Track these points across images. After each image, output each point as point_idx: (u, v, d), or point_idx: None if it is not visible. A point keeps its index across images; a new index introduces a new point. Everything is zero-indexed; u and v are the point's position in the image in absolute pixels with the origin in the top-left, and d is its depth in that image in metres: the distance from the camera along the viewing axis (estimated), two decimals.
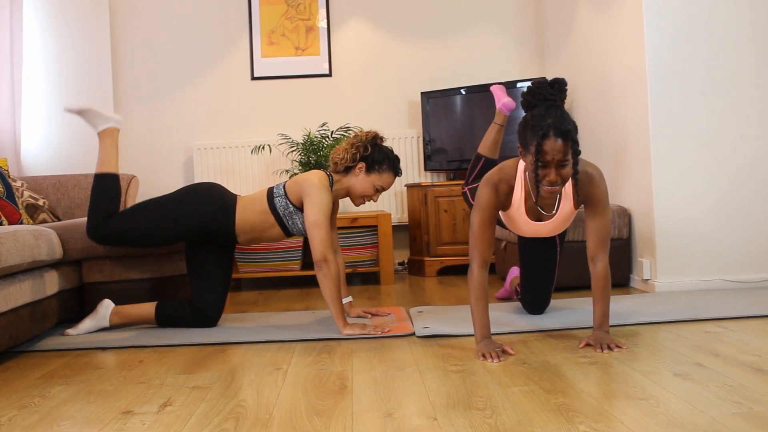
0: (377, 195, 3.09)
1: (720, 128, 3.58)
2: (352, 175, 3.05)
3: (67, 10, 4.85)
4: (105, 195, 3.05)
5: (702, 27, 3.57)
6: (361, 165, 3.03)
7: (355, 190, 3.06)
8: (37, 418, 1.90)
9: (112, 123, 3.14)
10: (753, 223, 3.59)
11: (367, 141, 3.06)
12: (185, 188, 3.11)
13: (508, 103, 3.39)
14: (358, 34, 5.23)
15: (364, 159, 3.03)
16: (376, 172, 3.04)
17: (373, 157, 3.03)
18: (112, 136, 3.13)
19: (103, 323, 3.07)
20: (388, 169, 3.05)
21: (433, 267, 4.71)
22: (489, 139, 3.41)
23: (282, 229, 3.04)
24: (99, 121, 3.13)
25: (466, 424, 1.69)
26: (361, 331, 2.79)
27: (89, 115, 3.11)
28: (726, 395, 1.82)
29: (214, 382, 2.20)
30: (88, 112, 3.10)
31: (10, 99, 4.50)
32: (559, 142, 2.26)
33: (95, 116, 3.12)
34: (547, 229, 2.68)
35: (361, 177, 3.04)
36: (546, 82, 2.41)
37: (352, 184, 3.06)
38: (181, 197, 3.05)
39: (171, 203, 3.03)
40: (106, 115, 3.13)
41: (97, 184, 3.06)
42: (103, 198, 3.04)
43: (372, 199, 3.09)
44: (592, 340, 2.43)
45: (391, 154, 3.08)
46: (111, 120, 3.14)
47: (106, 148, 3.11)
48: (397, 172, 3.09)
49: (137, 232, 3.02)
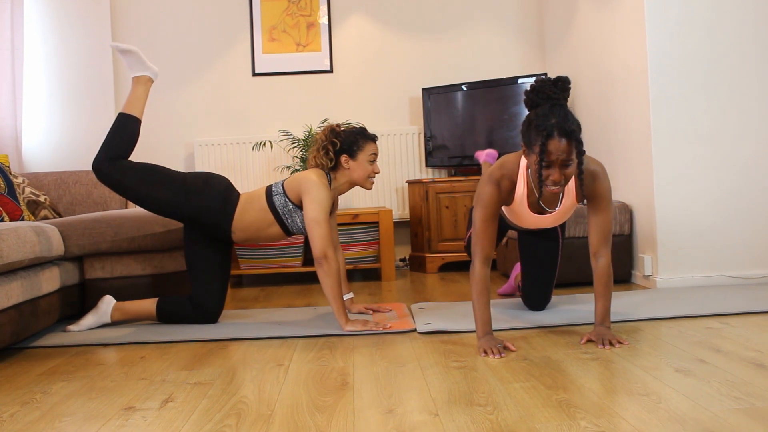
0: (376, 165, 3.08)
1: (721, 124, 3.58)
2: (344, 170, 3.05)
3: (67, 7, 4.85)
4: (122, 135, 3.04)
5: (703, 23, 3.56)
6: (344, 157, 3.03)
7: (358, 178, 3.05)
8: (38, 414, 1.91)
9: (150, 73, 3.15)
10: (754, 218, 3.59)
11: (330, 138, 3.05)
12: (198, 173, 3.10)
13: (491, 153, 3.57)
14: (359, 30, 5.22)
15: (342, 151, 3.04)
16: (358, 152, 3.03)
17: (346, 143, 3.03)
18: (146, 84, 3.14)
19: (105, 319, 3.07)
20: (365, 143, 3.04)
21: (435, 263, 4.71)
22: None
23: (282, 228, 3.04)
24: (138, 66, 3.13)
25: (468, 420, 1.69)
26: (362, 327, 2.79)
27: (132, 57, 3.12)
28: (727, 391, 1.82)
29: (216, 378, 2.20)
30: (132, 54, 3.11)
31: (11, 95, 4.50)
32: (563, 142, 2.25)
33: (137, 60, 3.12)
34: (549, 221, 2.69)
35: (352, 166, 3.03)
36: (549, 80, 2.40)
37: (350, 176, 3.05)
38: (191, 181, 3.03)
39: (179, 182, 3.01)
40: (147, 63, 3.14)
41: (118, 123, 3.05)
42: (119, 138, 3.03)
43: (375, 171, 3.07)
44: (593, 336, 2.43)
45: (356, 129, 3.08)
46: (150, 69, 3.15)
47: (138, 93, 3.12)
48: (371, 138, 3.07)
49: (136, 189, 3.00)
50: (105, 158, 3.00)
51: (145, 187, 2.99)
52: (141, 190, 2.99)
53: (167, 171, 3.06)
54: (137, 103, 3.10)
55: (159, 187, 2.99)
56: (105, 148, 3.02)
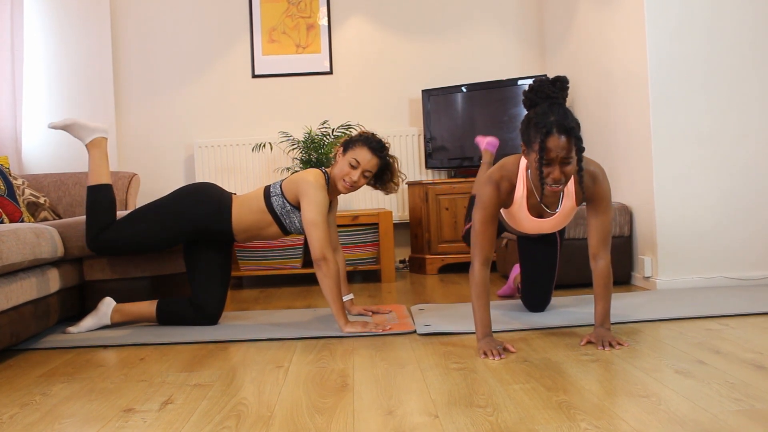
0: (355, 172, 2.95)
1: (721, 125, 3.58)
2: (335, 164, 3.05)
3: (67, 8, 4.85)
4: (100, 206, 3.06)
5: (703, 23, 3.56)
6: (339, 149, 3.04)
7: (335, 174, 3.00)
8: (38, 416, 1.91)
9: (99, 133, 3.14)
10: (754, 220, 3.59)
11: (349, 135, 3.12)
12: (179, 190, 3.11)
13: (492, 141, 3.53)
14: (359, 31, 5.22)
15: (342, 144, 3.05)
16: (349, 150, 2.99)
17: (350, 139, 3.05)
18: (100, 147, 3.13)
19: (105, 321, 3.07)
20: (359, 144, 2.99)
21: (434, 265, 4.71)
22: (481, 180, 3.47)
23: (280, 228, 3.04)
24: (85, 133, 3.13)
25: (468, 422, 1.69)
26: (362, 328, 2.79)
27: (74, 129, 3.11)
28: (727, 392, 1.82)
29: (216, 380, 2.20)
30: (73, 126, 3.10)
31: (11, 97, 4.50)
32: (562, 139, 2.25)
33: (81, 129, 3.12)
34: (549, 226, 2.68)
35: (339, 159, 3.03)
36: (548, 80, 2.41)
37: (333, 171, 3.03)
38: (175, 199, 3.06)
39: (166, 207, 3.04)
40: (91, 126, 3.13)
41: (91, 197, 3.08)
42: (99, 209, 3.06)
43: (352, 179, 2.95)
44: (593, 338, 2.43)
45: (367, 134, 3.04)
46: (97, 131, 3.14)
47: (96, 159, 3.12)
48: (368, 144, 2.98)
49: (136, 240, 3.04)
50: (95, 236, 3.04)
51: (143, 230, 3.04)
52: (142, 236, 3.04)
53: (151, 205, 3.09)
54: (100, 169, 3.11)
55: (155, 221, 3.03)
56: (89, 227, 3.05)
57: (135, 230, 3.04)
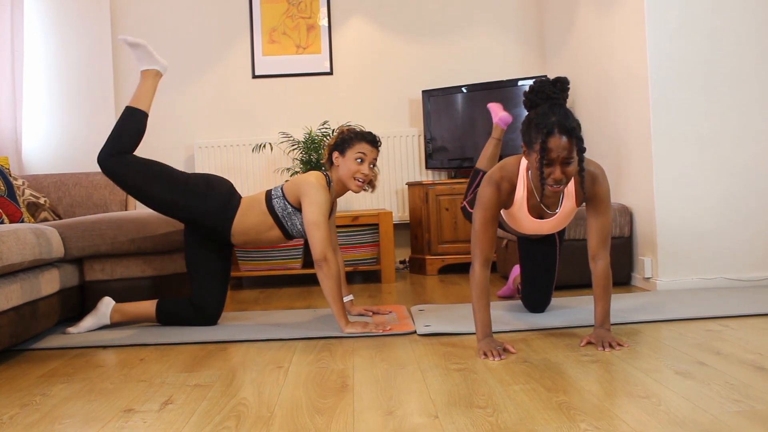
0: (364, 166, 3.00)
1: (721, 126, 3.58)
2: (335, 168, 3.05)
3: (67, 8, 4.85)
4: (129, 129, 3.03)
5: (703, 25, 3.56)
6: (335, 154, 3.04)
7: (344, 175, 3.02)
8: (38, 416, 1.91)
9: (159, 66, 3.14)
10: (755, 221, 3.59)
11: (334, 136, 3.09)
12: (201, 175, 3.10)
13: (505, 117, 3.47)
14: (359, 32, 5.22)
15: (334, 148, 3.04)
16: (348, 149, 3.02)
17: (340, 140, 3.04)
18: (154, 78, 3.13)
19: (104, 321, 3.07)
20: (356, 140, 3.02)
21: (435, 265, 4.71)
22: (487, 154, 3.44)
23: (281, 231, 3.04)
24: (147, 60, 3.12)
25: (468, 423, 1.69)
26: (362, 329, 2.79)
27: (140, 51, 3.11)
28: (727, 393, 1.82)
29: (216, 380, 2.20)
30: (141, 48, 3.10)
31: (11, 97, 4.50)
32: (563, 139, 2.25)
33: (146, 54, 3.12)
34: (549, 227, 2.68)
35: (340, 163, 3.03)
36: (548, 81, 2.41)
37: (339, 174, 3.04)
38: (193, 182, 3.03)
39: (182, 183, 3.01)
40: (155, 56, 3.14)
41: (125, 116, 3.04)
42: (126, 132, 3.02)
43: (362, 173, 3.00)
44: (593, 339, 2.43)
45: (357, 130, 3.07)
46: (158, 63, 3.14)
47: (146, 86, 3.11)
48: (364, 138, 3.03)
49: (138, 186, 3.00)
50: (110, 152, 3.00)
51: (147, 184, 2.99)
52: (143, 188, 3.00)
53: (171, 170, 3.06)
54: (145, 97, 3.09)
55: (161, 186, 2.99)
56: (111, 141, 3.01)
57: (143, 177, 2.99)
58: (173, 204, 2.99)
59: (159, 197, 3.00)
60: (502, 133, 3.47)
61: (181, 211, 3.00)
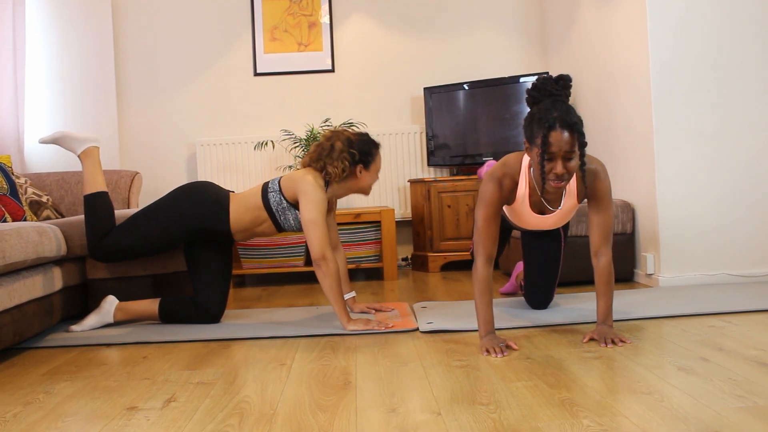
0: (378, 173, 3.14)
1: (723, 122, 3.57)
2: (354, 177, 3.03)
3: (69, 7, 4.85)
4: (98, 214, 3.07)
5: (705, 20, 3.56)
6: (359, 167, 3.02)
7: (366, 186, 3.07)
8: (41, 414, 1.91)
9: (90, 143, 3.17)
10: (757, 217, 3.58)
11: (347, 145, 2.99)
12: (176, 190, 3.11)
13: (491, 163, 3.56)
14: (361, 29, 5.22)
15: (358, 162, 3.01)
16: (371, 163, 3.05)
17: (362, 153, 3.01)
18: (92, 156, 3.16)
19: (107, 319, 3.08)
20: (377, 153, 3.07)
21: (437, 262, 4.71)
22: None
23: (274, 224, 3.04)
24: (76, 145, 3.16)
25: (470, 419, 1.69)
26: (364, 326, 2.79)
27: (65, 141, 3.14)
28: (730, 389, 1.82)
29: (218, 377, 2.20)
30: (63, 138, 3.14)
31: (14, 96, 4.51)
32: (565, 134, 2.26)
33: (71, 140, 3.14)
34: (551, 222, 2.68)
35: (363, 175, 3.04)
36: (551, 78, 2.41)
37: (358, 185, 3.05)
38: (173, 201, 3.06)
39: (164, 209, 3.05)
40: (81, 137, 3.15)
41: (89, 206, 3.09)
42: (97, 217, 3.07)
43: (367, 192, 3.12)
44: (595, 335, 2.43)
45: (367, 139, 3.06)
46: (87, 141, 3.17)
47: (90, 168, 3.14)
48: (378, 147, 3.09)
49: (137, 244, 3.05)
50: (95, 242, 3.05)
51: (143, 235, 3.04)
52: (142, 240, 3.04)
53: (149, 207, 3.10)
54: (95, 177, 3.13)
55: (153, 223, 3.04)
56: (89, 234, 3.06)
57: (135, 235, 3.04)
58: (172, 230, 3.03)
59: (159, 236, 3.04)
60: None
61: (181, 229, 3.02)
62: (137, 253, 3.10)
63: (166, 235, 3.03)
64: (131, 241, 3.04)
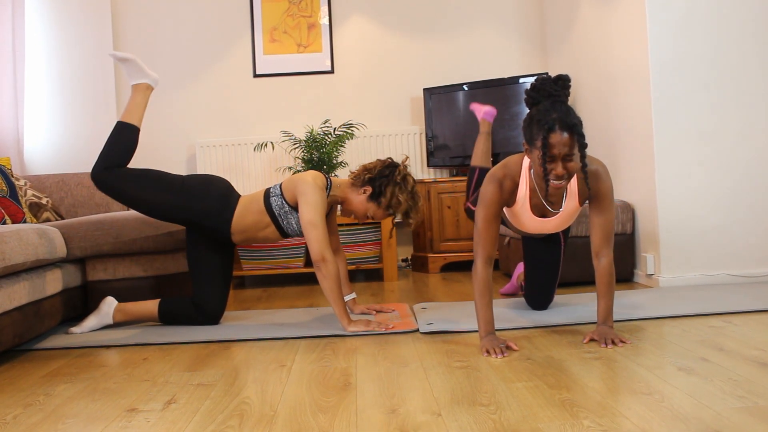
0: (364, 218, 3.07)
1: (723, 123, 3.57)
2: (355, 191, 3.04)
3: (68, 9, 4.85)
4: (120, 144, 3.04)
5: (705, 20, 3.56)
6: (368, 189, 3.01)
7: (360, 210, 3.03)
8: (41, 416, 1.91)
9: (149, 80, 3.15)
10: (757, 217, 3.58)
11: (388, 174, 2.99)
12: (197, 176, 3.10)
13: (489, 110, 3.49)
14: (360, 30, 5.22)
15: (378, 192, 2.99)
16: (375, 203, 3.01)
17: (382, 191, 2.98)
18: (145, 92, 3.14)
19: (107, 321, 3.08)
20: (387, 210, 3.02)
21: (437, 263, 4.71)
22: (479, 150, 3.46)
23: (278, 229, 3.03)
24: (137, 74, 3.13)
25: (471, 420, 1.69)
26: (364, 327, 2.79)
27: (130, 66, 3.12)
28: (731, 390, 1.82)
29: (219, 379, 2.20)
30: (131, 63, 3.11)
31: (13, 97, 4.51)
32: (565, 135, 2.26)
33: (136, 68, 3.12)
34: (552, 226, 2.68)
35: (361, 198, 3.03)
36: (550, 78, 2.41)
37: (351, 198, 3.04)
38: (189, 184, 3.03)
39: (178, 186, 3.02)
40: (146, 70, 3.14)
41: (116, 132, 3.05)
42: (118, 146, 3.03)
43: (358, 218, 3.07)
44: (596, 336, 2.43)
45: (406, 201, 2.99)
46: (149, 77, 3.15)
47: (136, 101, 3.11)
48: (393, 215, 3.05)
49: (136, 196, 3.00)
50: (103, 168, 3.01)
51: (144, 193, 2.99)
52: (140, 197, 3.00)
53: (165, 175, 3.06)
54: (136, 111, 3.10)
55: (158, 192, 2.99)
56: (102, 157, 3.02)
57: (141, 186, 3.00)
58: (172, 208, 2.99)
59: (157, 204, 3.00)
60: (490, 126, 3.51)
61: (181, 214, 3.00)
62: (129, 202, 3.04)
63: (166, 204, 2.99)
64: (132, 188, 2.99)
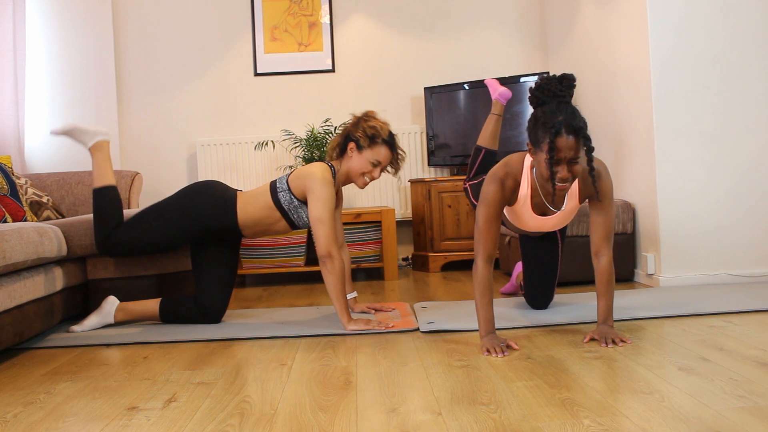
0: (377, 170, 3.02)
1: (724, 122, 3.57)
2: (347, 158, 3.05)
3: (69, 7, 4.85)
4: (107, 208, 3.08)
5: (706, 20, 3.55)
6: (352, 145, 3.02)
7: (353, 170, 3.02)
8: (42, 414, 1.91)
9: (100, 136, 3.16)
10: (757, 217, 3.58)
11: (354, 121, 3.06)
12: (184, 189, 3.12)
13: (504, 92, 3.41)
14: (361, 29, 5.22)
15: (354, 139, 3.02)
16: (367, 149, 3.00)
17: (362, 135, 3.00)
18: (103, 150, 3.16)
19: (108, 320, 3.08)
20: (380, 145, 3.00)
21: (437, 262, 4.71)
22: (488, 131, 3.40)
23: (288, 223, 3.05)
24: (87, 138, 3.15)
25: (471, 419, 1.69)
26: (365, 326, 2.79)
27: (76, 133, 3.14)
28: (731, 389, 1.82)
29: (219, 377, 2.20)
30: (74, 131, 3.13)
31: (14, 96, 4.51)
32: (571, 139, 2.25)
33: (82, 133, 3.14)
34: (551, 224, 2.68)
35: (354, 156, 3.03)
36: (555, 77, 2.39)
37: (349, 166, 3.04)
38: (181, 199, 3.06)
39: (172, 207, 3.05)
40: (92, 130, 3.15)
41: (97, 199, 3.09)
42: (106, 211, 3.07)
43: (372, 176, 3.02)
44: (596, 335, 2.43)
45: (381, 127, 3.01)
46: (98, 134, 3.16)
47: (99, 162, 3.14)
48: (389, 145, 3.02)
49: (144, 240, 3.05)
50: (103, 237, 3.06)
51: (150, 235, 3.05)
52: (150, 240, 3.05)
53: (158, 204, 3.10)
54: (105, 171, 3.13)
55: (160, 224, 3.04)
56: (98, 229, 3.07)
57: (143, 231, 3.04)
58: (179, 229, 3.03)
59: (166, 234, 3.04)
60: (503, 109, 3.41)
61: (190, 228, 3.02)
62: (143, 250, 3.11)
63: (174, 232, 3.03)
64: (140, 237, 3.04)
